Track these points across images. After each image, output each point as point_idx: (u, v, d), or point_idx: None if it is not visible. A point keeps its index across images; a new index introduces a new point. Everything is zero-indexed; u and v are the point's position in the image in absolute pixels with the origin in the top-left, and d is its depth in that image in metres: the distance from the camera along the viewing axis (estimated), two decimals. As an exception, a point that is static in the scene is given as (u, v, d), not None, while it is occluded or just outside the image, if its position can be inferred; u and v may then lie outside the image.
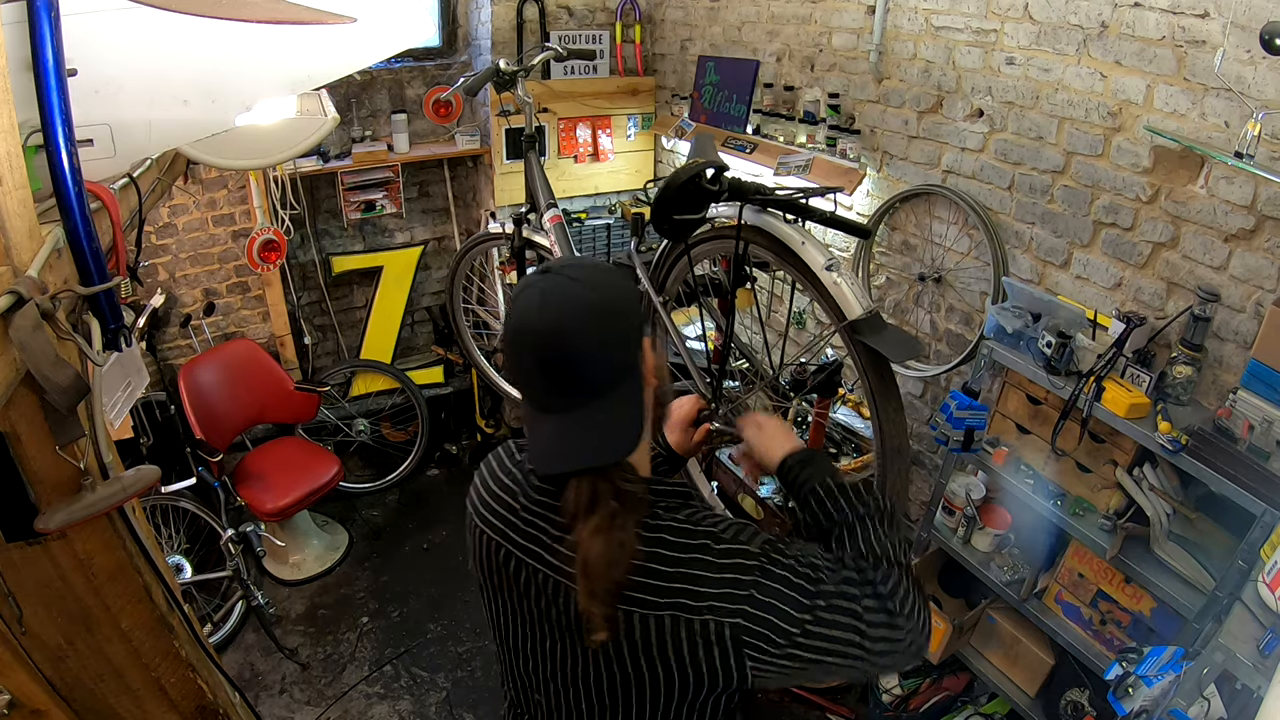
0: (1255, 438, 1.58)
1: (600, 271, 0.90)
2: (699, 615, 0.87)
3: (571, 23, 3.66)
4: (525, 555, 0.97)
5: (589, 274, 0.88)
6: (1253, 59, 1.61)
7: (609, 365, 0.88)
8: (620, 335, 0.89)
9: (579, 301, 0.85)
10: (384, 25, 1.49)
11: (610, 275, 0.90)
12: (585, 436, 0.87)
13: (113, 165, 1.30)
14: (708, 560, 0.88)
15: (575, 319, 0.84)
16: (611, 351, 0.88)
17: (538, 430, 0.91)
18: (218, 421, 3.14)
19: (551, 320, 0.84)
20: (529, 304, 0.86)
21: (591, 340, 0.85)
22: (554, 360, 0.85)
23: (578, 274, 0.88)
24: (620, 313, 0.89)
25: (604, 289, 0.87)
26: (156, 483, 1.81)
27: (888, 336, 1.35)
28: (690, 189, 1.43)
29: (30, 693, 1.22)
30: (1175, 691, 1.54)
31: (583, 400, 0.87)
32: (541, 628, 0.99)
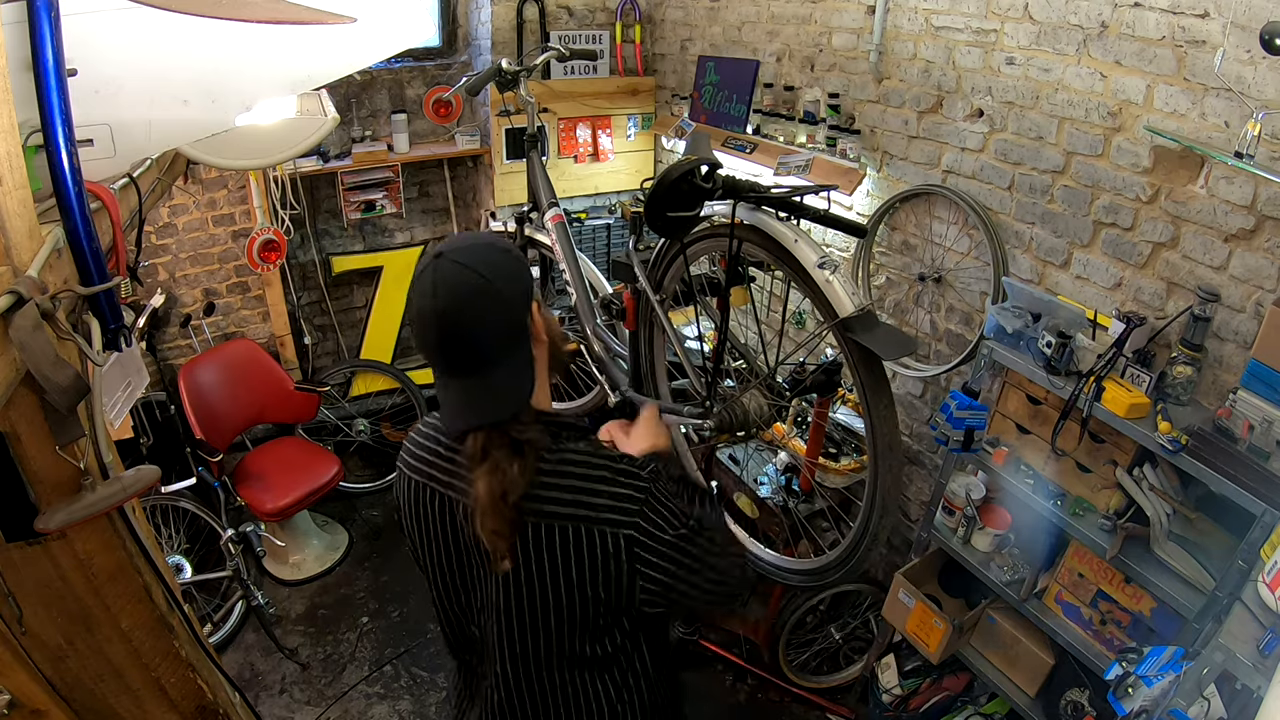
0: (1255, 438, 1.58)
1: (485, 250, 1.02)
2: (597, 525, 1.03)
3: (571, 23, 3.66)
4: (448, 490, 1.12)
5: (474, 256, 1.00)
6: (1253, 59, 1.61)
7: (498, 337, 1.02)
8: (505, 309, 1.02)
9: (466, 285, 0.98)
10: (384, 25, 1.49)
11: (493, 253, 1.02)
12: (482, 398, 1.02)
13: (113, 165, 1.30)
14: (607, 478, 1.06)
15: (464, 301, 0.98)
16: (499, 325, 1.02)
17: (444, 393, 1.06)
18: (218, 421, 3.14)
19: (444, 303, 0.98)
20: (424, 289, 0.99)
21: (480, 318, 0.99)
22: (449, 337, 1.00)
23: (464, 258, 1.00)
24: (504, 289, 1.01)
25: (487, 268, 1.00)
26: (156, 483, 1.81)
27: (880, 334, 1.35)
28: (683, 186, 1.43)
29: (30, 693, 1.22)
30: (1175, 691, 1.54)
31: (478, 367, 1.02)
32: (468, 556, 1.13)
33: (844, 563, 1.62)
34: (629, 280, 1.98)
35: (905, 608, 2.31)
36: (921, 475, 2.76)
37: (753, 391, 1.69)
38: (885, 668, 2.60)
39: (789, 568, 1.86)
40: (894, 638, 2.59)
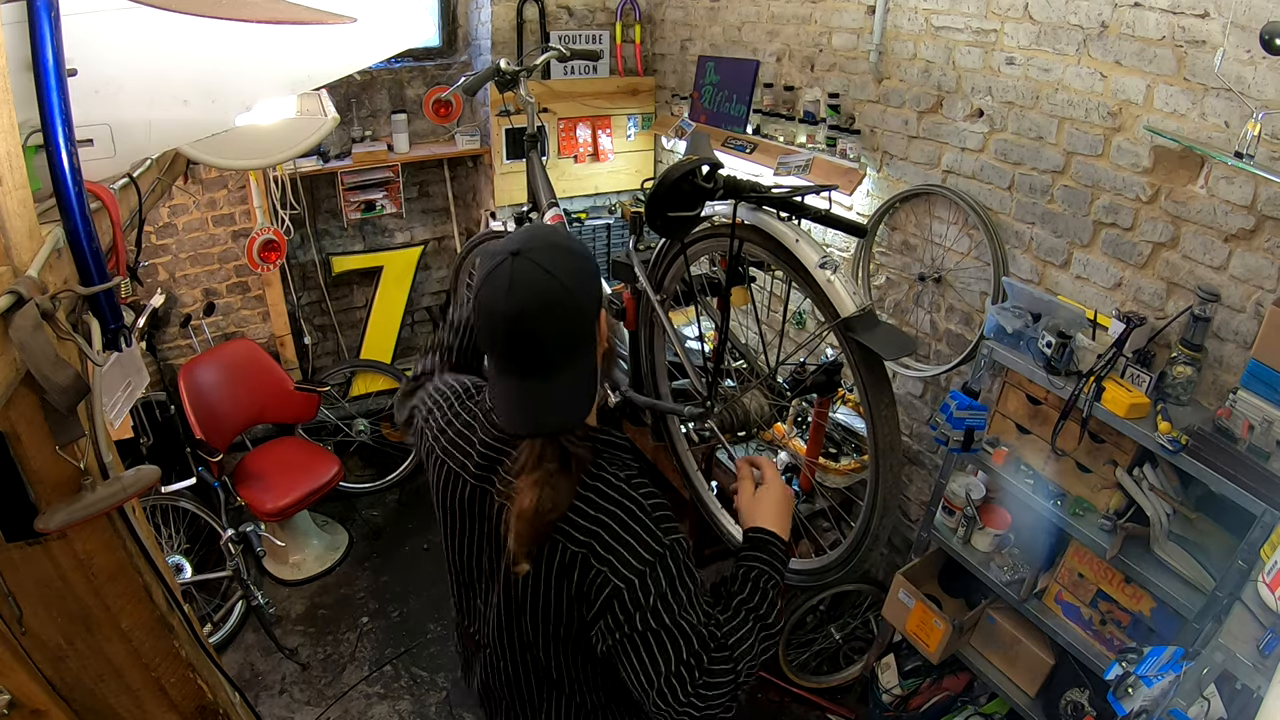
0: (1255, 438, 1.58)
1: (563, 255, 0.98)
2: (599, 564, 1.00)
3: (571, 23, 3.66)
4: (480, 483, 1.12)
5: (554, 259, 0.96)
6: (1253, 59, 1.61)
7: (568, 344, 0.99)
8: (579, 316, 0.99)
9: (544, 289, 0.94)
10: (384, 25, 1.49)
11: (572, 258, 0.99)
12: (544, 405, 0.99)
13: (113, 165, 1.30)
14: (629, 521, 1.01)
15: (541, 305, 0.94)
16: (571, 333, 0.99)
17: (503, 390, 1.02)
18: (218, 421, 3.14)
19: (519, 304, 0.94)
20: (498, 286, 0.95)
21: (554, 325, 0.96)
22: (519, 338, 0.96)
23: (544, 260, 0.95)
24: (580, 297, 0.98)
25: (566, 274, 0.96)
26: (156, 483, 1.81)
27: (880, 334, 1.35)
28: (684, 186, 1.43)
29: (30, 693, 1.22)
30: (1175, 691, 1.54)
31: (544, 372, 0.98)
32: (489, 544, 1.14)
33: (845, 562, 1.62)
34: (629, 280, 1.98)
35: (905, 608, 2.31)
36: (921, 475, 2.76)
37: (753, 391, 1.69)
38: (885, 668, 2.60)
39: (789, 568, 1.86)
40: (894, 638, 2.59)
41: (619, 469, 1.07)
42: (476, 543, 1.16)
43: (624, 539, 1.00)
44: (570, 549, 1.01)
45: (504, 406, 1.02)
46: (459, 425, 1.18)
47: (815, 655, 2.85)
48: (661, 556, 1.00)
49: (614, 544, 1.00)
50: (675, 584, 1.01)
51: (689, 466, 2.11)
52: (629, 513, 1.02)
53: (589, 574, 1.01)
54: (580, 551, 1.01)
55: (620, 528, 1.01)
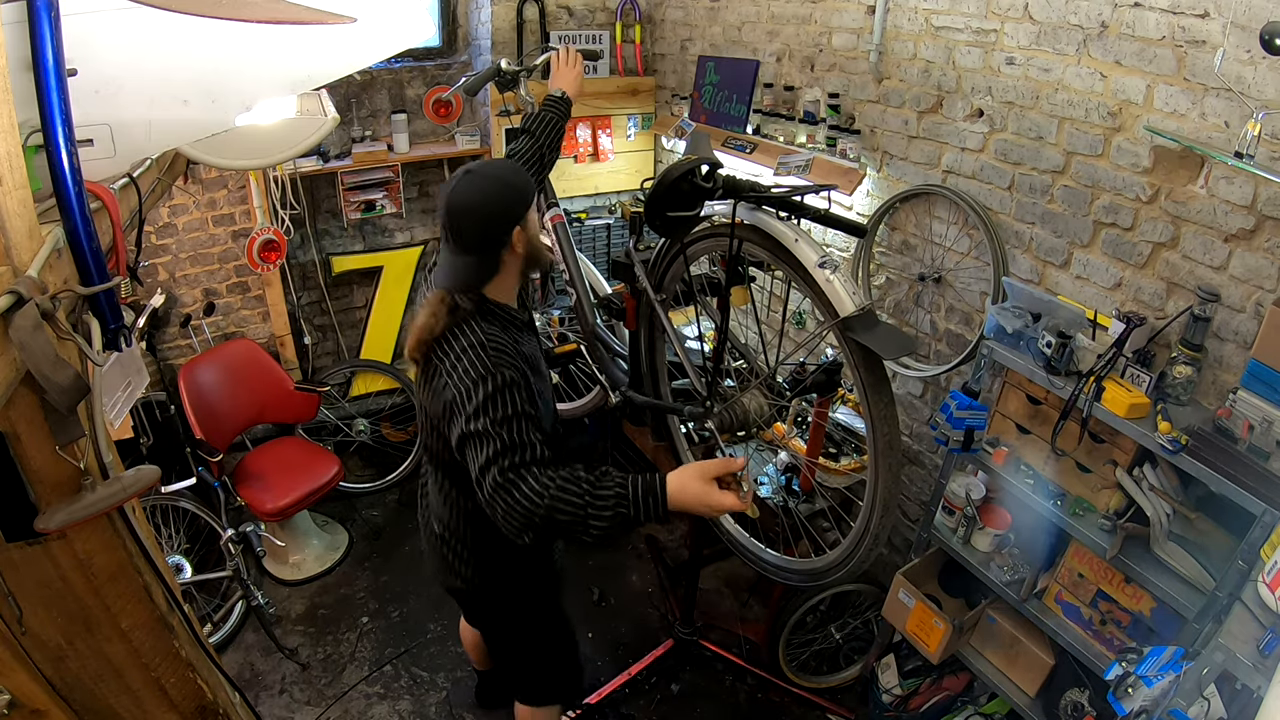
0: (1255, 438, 1.58)
1: (494, 182, 1.49)
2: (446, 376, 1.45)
3: (571, 23, 3.66)
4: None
5: (485, 183, 1.48)
6: (1253, 59, 1.61)
7: (476, 235, 1.48)
8: (488, 221, 1.48)
9: (470, 194, 1.47)
10: (384, 25, 1.49)
11: (500, 186, 1.49)
12: (450, 269, 1.51)
13: (113, 165, 1.30)
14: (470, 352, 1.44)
15: (463, 203, 1.47)
16: (478, 228, 1.48)
17: (439, 254, 1.54)
18: (218, 421, 3.14)
19: (455, 201, 1.47)
20: (451, 185, 1.49)
21: (468, 217, 1.47)
22: (448, 220, 1.48)
23: (480, 180, 1.48)
24: (494, 209, 1.48)
25: (491, 194, 1.48)
26: (156, 483, 1.81)
27: (880, 333, 1.35)
28: (684, 186, 1.43)
29: (30, 693, 1.22)
30: (1175, 691, 1.54)
31: (460, 248, 1.49)
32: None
33: (845, 562, 1.62)
34: (629, 280, 1.98)
35: (905, 608, 2.31)
36: (921, 475, 2.76)
37: (753, 391, 1.69)
38: (885, 668, 2.60)
39: (790, 567, 1.86)
40: (894, 638, 2.59)
41: (490, 325, 1.50)
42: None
43: (463, 361, 1.43)
44: (440, 367, 1.47)
45: (436, 265, 1.56)
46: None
47: (815, 655, 2.85)
48: (484, 378, 1.39)
49: (457, 364, 1.44)
50: (493, 400, 1.37)
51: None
52: (473, 346, 1.45)
53: (441, 383, 1.46)
54: (442, 367, 1.46)
55: (464, 354, 1.44)
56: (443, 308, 1.49)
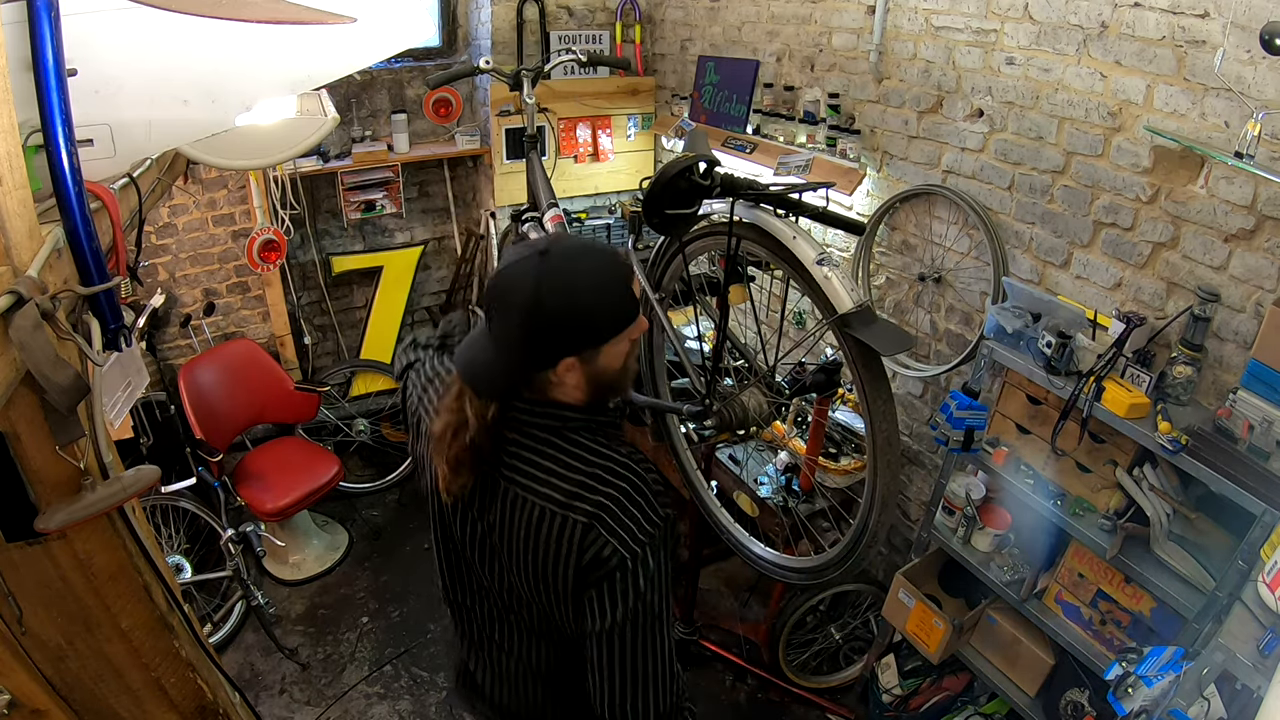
0: (1255, 438, 1.58)
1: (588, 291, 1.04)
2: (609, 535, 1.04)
3: (571, 23, 3.66)
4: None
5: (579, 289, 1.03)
6: (1253, 59, 1.61)
7: (523, 351, 1.06)
8: (556, 345, 1.04)
9: (546, 306, 1.01)
10: (384, 25, 1.49)
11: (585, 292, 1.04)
12: (481, 364, 1.08)
13: (113, 165, 1.30)
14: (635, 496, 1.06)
15: (535, 313, 1.02)
16: (529, 349, 1.05)
17: (476, 334, 1.12)
18: (218, 421, 3.14)
19: (524, 299, 1.01)
20: (524, 273, 1.02)
21: (523, 335, 1.04)
22: (508, 317, 1.04)
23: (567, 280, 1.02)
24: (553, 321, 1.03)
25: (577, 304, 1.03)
26: (156, 483, 1.81)
27: (878, 330, 1.35)
28: (681, 184, 1.43)
29: (30, 693, 1.22)
30: (1175, 691, 1.54)
31: (503, 350, 1.06)
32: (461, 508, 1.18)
33: (844, 560, 1.62)
34: (629, 280, 1.97)
35: (905, 608, 2.31)
36: (921, 475, 2.76)
37: (752, 390, 1.69)
38: (885, 668, 2.60)
39: (789, 566, 1.86)
40: (894, 638, 2.59)
41: (620, 445, 1.12)
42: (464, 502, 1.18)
43: (630, 512, 1.04)
44: (576, 519, 1.05)
45: (468, 337, 1.13)
46: (435, 381, 1.29)
47: (815, 655, 2.85)
48: (655, 543, 1.05)
49: (623, 516, 1.04)
50: (659, 578, 1.06)
51: (689, 466, 2.11)
52: (635, 488, 1.07)
53: (597, 544, 1.03)
54: (585, 521, 1.04)
55: (628, 501, 1.05)
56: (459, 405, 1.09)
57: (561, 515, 1.05)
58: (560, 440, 1.10)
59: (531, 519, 1.07)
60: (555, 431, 1.10)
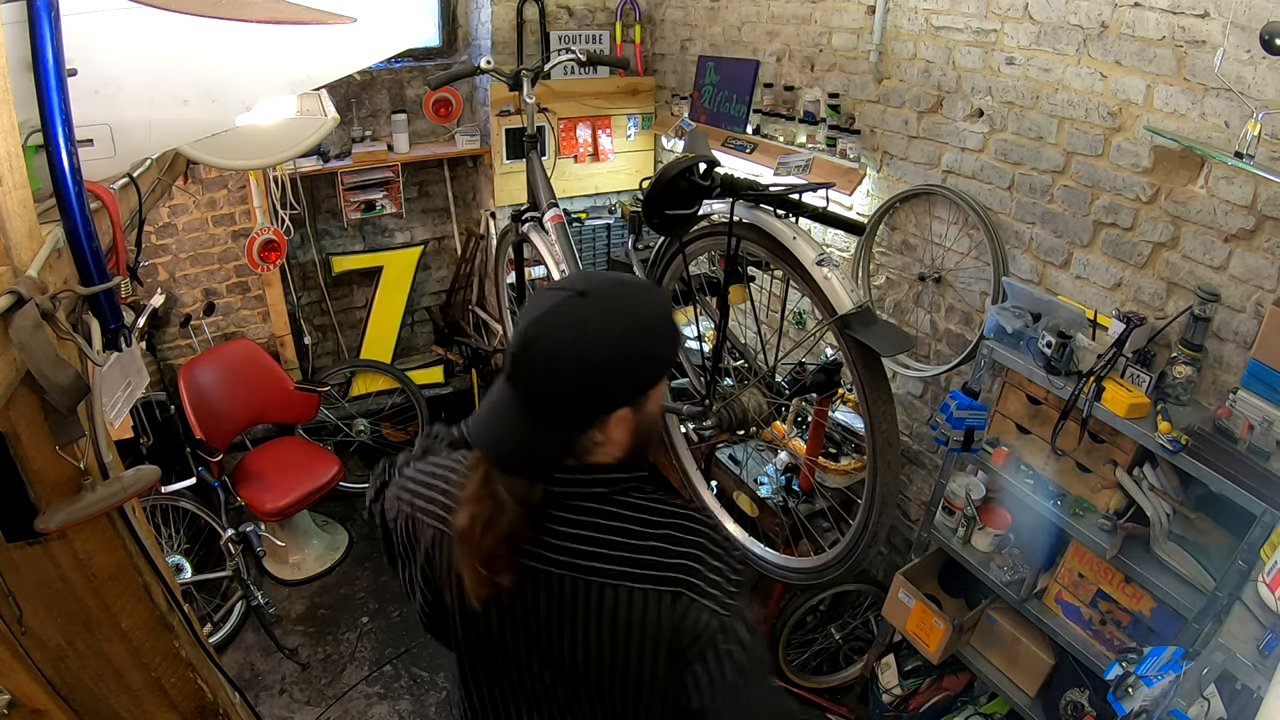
0: (1255, 438, 1.58)
1: (640, 330, 0.92)
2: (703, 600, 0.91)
3: (571, 23, 3.66)
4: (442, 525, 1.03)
5: (631, 328, 0.91)
6: (1253, 59, 1.61)
7: (572, 410, 0.91)
8: (597, 402, 0.91)
9: (599, 354, 0.88)
10: (384, 25, 1.49)
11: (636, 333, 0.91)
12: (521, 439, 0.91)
13: (113, 165, 1.30)
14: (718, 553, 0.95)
15: (586, 363, 0.87)
16: (581, 405, 0.91)
17: (497, 405, 0.93)
18: (218, 421, 3.14)
19: (571, 350, 0.87)
20: (565, 321, 0.87)
21: (574, 390, 0.89)
22: (550, 374, 0.88)
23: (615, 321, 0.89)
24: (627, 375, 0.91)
25: (633, 347, 0.91)
26: (156, 483, 1.81)
27: (877, 331, 1.35)
28: (681, 184, 1.43)
29: (30, 693, 1.22)
30: (1175, 691, 1.54)
31: (543, 416, 0.90)
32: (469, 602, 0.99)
33: (844, 559, 1.62)
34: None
35: (905, 608, 2.31)
36: (921, 475, 2.76)
37: (752, 390, 1.69)
38: (885, 668, 2.59)
39: (789, 566, 1.86)
40: (894, 638, 2.59)
41: (673, 497, 1.01)
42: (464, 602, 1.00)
43: (716, 567, 0.94)
44: (660, 590, 0.92)
45: (484, 410, 0.95)
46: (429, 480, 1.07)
47: (815, 655, 2.85)
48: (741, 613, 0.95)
49: (710, 574, 0.93)
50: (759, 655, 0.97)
51: (688, 466, 2.11)
52: (709, 539, 0.96)
53: (692, 612, 0.91)
54: (671, 590, 0.91)
55: (709, 556, 0.94)
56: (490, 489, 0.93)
57: (641, 591, 0.92)
58: (612, 507, 0.96)
59: (601, 604, 0.93)
60: (604, 499, 0.96)
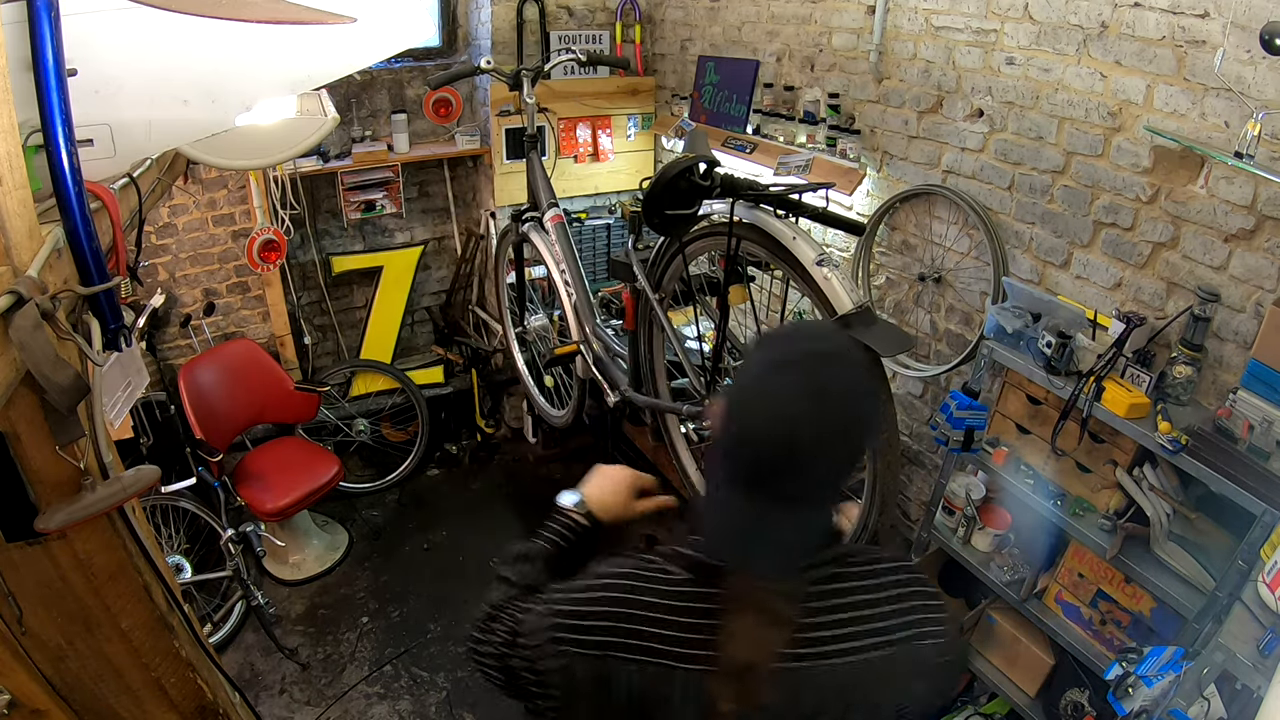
0: (1255, 438, 1.58)
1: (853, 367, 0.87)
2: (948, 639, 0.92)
3: (571, 23, 3.66)
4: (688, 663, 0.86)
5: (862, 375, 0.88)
6: (1253, 59, 1.61)
7: (836, 482, 0.86)
8: (857, 461, 0.87)
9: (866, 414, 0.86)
10: (384, 25, 1.49)
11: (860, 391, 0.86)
12: (791, 538, 0.84)
13: (113, 165, 1.30)
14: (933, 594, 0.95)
15: (839, 435, 0.81)
16: (849, 472, 0.86)
17: (730, 503, 0.85)
18: (218, 421, 3.14)
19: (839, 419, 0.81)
20: (797, 390, 0.80)
21: (845, 461, 0.84)
22: (821, 451, 0.81)
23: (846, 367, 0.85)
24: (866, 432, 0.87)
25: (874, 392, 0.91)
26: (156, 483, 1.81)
27: (877, 331, 1.35)
28: (681, 184, 1.44)
29: (30, 693, 1.22)
30: (1175, 691, 1.54)
31: (812, 499, 0.85)
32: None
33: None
34: (628, 279, 1.98)
35: (905, 608, 2.31)
36: (921, 475, 2.76)
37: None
38: (885, 668, 2.59)
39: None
40: (894, 638, 2.58)
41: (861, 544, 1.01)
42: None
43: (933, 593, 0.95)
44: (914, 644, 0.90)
45: (726, 522, 0.85)
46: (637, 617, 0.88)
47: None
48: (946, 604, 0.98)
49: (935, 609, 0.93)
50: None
51: (688, 466, 2.11)
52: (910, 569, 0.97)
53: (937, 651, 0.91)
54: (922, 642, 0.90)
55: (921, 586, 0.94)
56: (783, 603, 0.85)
57: (899, 651, 0.88)
58: (841, 569, 0.90)
59: (868, 677, 0.88)
60: (836, 562, 0.90)
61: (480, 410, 4.26)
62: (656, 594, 0.89)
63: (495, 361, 4.18)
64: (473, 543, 3.59)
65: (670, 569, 0.91)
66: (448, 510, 3.82)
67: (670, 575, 0.90)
